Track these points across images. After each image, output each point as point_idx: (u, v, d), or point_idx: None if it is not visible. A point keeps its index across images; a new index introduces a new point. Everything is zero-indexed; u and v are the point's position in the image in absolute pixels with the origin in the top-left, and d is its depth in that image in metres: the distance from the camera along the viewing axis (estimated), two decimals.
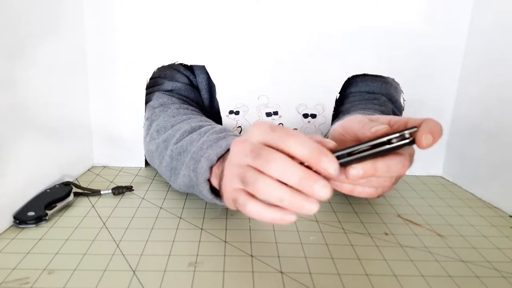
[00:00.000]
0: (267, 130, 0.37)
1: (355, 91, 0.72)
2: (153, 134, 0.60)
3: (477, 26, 0.64)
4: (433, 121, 0.36)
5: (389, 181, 0.39)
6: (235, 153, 0.39)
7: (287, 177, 0.34)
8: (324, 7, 0.63)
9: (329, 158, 0.34)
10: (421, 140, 0.35)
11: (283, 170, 0.34)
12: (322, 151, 0.34)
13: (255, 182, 0.35)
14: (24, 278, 0.38)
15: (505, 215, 0.57)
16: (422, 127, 0.35)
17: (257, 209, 0.36)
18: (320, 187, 0.33)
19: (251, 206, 0.36)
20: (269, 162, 0.35)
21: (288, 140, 0.35)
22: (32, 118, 0.52)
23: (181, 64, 0.69)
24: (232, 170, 0.39)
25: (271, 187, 0.35)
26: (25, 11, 0.49)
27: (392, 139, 0.35)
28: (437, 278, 0.41)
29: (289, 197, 0.34)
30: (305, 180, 0.34)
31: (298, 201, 0.34)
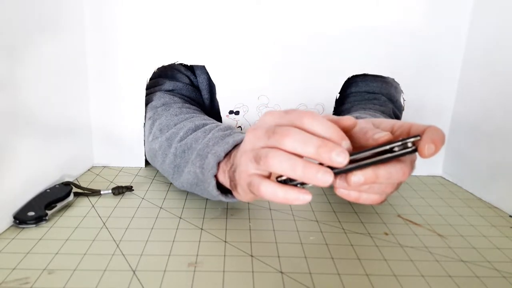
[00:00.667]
0: (281, 114, 0.37)
1: (355, 91, 0.72)
2: (156, 133, 0.60)
3: (477, 26, 0.64)
4: (436, 129, 0.36)
5: (391, 187, 0.39)
6: (249, 140, 0.39)
7: (303, 147, 0.34)
8: (324, 7, 0.63)
9: (346, 141, 0.34)
10: (424, 150, 0.35)
11: (299, 141, 0.34)
12: (341, 134, 0.34)
13: (267, 156, 0.35)
14: (24, 278, 0.38)
15: (505, 215, 0.57)
16: (425, 136, 0.35)
17: (271, 189, 0.36)
18: (337, 154, 0.33)
19: (264, 186, 0.36)
20: (283, 137, 0.34)
21: (305, 119, 0.35)
22: (32, 118, 0.52)
23: (182, 64, 0.69)
24: (247, 155, 0.39)
25: (283, 158, 0.34)
26: (25, 11, 0.49)
27: (394, 147, 0.35)
28: (437, 278, 0.41)
29: (302, 167, 0.34)
30: (322, 148, 0.33)
31: (312, 171, 0.34)
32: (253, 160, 0.37)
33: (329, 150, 0.33)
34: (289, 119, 0.36)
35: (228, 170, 0.44)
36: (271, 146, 0.36)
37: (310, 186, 0.36)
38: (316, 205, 0.57)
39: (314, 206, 0.56)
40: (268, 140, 0.36)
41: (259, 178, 0.37)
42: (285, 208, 0.55)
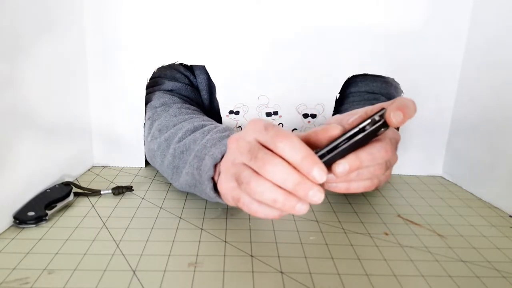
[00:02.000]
0: (261, 129, 0.37)
1: (355, 91, 0.72)
2: (155, 133, 0.60)
3: (477, 26, 0.64)
4: (403, 99, 0.36)
5: (380, 169, 0.39)
6: (231, 150, 0.40)
7: (282, 181, 0.35)
8: (324, 7, 0.63)
9: (318, 167, 0.34)
10: (390, 118, 0.35)
11: (279, 174, 0.35)
12: (312, 159, 0.34)
13: (249, 182, 0.36)
14: (24, 278, 0.38)
15: (505, 215, 0.57)
16: (390, 106, 0.35)
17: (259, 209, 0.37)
18: (314, 193, 0.34)
19: (251, 204, 0.38)
20: (265, 164, 0.35)
21: (279, 143, 0.35)
22: (32, 118, 0.52)
23: (181, 64, 0.69)
24: (228, 167, 0.40)
25: (265, 189, 0.35)
26: (24, 11, 0.49)
27: (365, 126, 0.35)
28: (437, 278, 0.41)
29: (283, 199, 0.35)
30: (300, 185, 0.34)
31: (291, 203, 0.35)
32: (234, 180, 0.38)
33: (306, 188, 0.34)
34: (266, 139, 0.36)
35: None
36: (251, 168, 0.37)
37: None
38: (316, 205, 0.57)
39: (314, 206, 0.56)
40: (250, 162, 0.37)
41: (249, 197, 0.38)
42: None
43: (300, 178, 0.34)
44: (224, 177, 0.41)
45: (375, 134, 0.36)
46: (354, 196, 0.60)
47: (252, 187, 0.36)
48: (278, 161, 0.35)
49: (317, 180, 0.34)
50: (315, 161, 0.34)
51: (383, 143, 0.37)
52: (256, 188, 0.36)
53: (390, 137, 0.39)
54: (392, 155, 0.39)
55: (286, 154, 0.35)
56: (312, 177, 0.34)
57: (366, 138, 0.36)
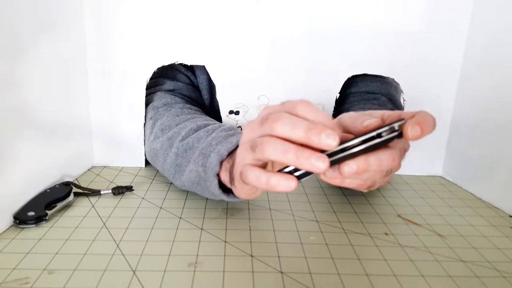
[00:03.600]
0: (277, 107, 0.37)
1: (355, 91, 0.72)
2: (157, 133, 0.60)
3: (477, 26, 0.64)
4: (425, 113, 0.36)
5: (379, 174, 0.39)
6: (246, 132, 0.39)
7: (293, 130, 0.34)
8: (324, 7, 0.63)
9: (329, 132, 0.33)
10: (407, 131, 0.35)
11: (288, 124, 0.34)
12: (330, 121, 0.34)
13: (262, 143, 0.35)
14: (24, 278, 0.38)
15: (505, 215, 0.57)
16: (410, 119, 0.35)
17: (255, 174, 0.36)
18: (327, 136, 0.33)
19: (250, 171, 0.36)
20: (274, 122, 0.35)
21: (300, 107, 0.35)
22: (32, 118, 0.52)
23: (182, 64, 0.69)
24: (243, 146, 0.39)
25: (276, 144, 0.34)
26: (24, 11, 0.49)
27: (382, 133, 0.35)
28: (437, 278, 0.41)
29: (295, 151, 0.34)
30: (312, 130, 0.33)
31: (305, 155, 0.33)
32: (249, 149, 0.37)
33: (319, 132, 0.33)
34: (283, 109, 0.36)
35: (230, 167, 0.44)
36: (264, 134, 0.36)
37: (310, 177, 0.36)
38: (316, 205, 0.57)
39: (314, 206, 0.56)
40: (261, 128, 0.36)
41: (249, 166, 0.37)
42: (285, 208, 0.55)
43: (311, 124, 0.34)
44: (241, 157, 0.39)
45: (389, 142, 0.36)
46: (354, 196, 0.60)
47: (264, 146, 0.35)
48: (286, 115, 0.35)
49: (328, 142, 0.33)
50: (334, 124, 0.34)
51: (393, 152, 0.37)
52: (267, 146, 0.35)
53: (400, 146, 0.38)
54: (398, 164, 0.38)
55: (306, 113, 0.35)
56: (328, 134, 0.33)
57: (380, 144, 0.36)
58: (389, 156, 0.36)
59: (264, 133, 0.36)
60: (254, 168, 0.36)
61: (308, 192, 0.61)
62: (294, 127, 0.34)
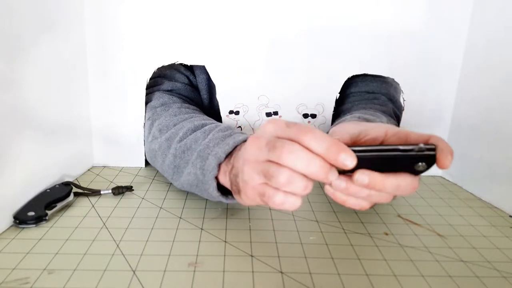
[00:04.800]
0: (282, 126, 0.37)
1: (355, 91, 0.72)
2: (155, 133, 0.60)
3: (477, 26, 0.64)
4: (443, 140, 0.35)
5: (388, 197, 0.37)
6: (251, 149, 0.38)
7: (306, 166, 0.34)
8: (324, 7, 0.63)
9: (347, 152, 0.33)
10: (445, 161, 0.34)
11: (301, 160, 0.34)
12: (339, 146, 0.34)
13: (278, 176, 0.35)
14: (24, 278, 0.38)
15: (505, 215, 0.57)
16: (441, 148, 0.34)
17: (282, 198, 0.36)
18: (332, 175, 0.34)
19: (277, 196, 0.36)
20: (284, 152, 0.34)
21: (304, 136, 0.35)
22: (32, 118, 0.52)
23: (181, 64, 0.69)
24: (251, 166, 0.38)
25: (295, 179, 0.35)
26: (25, 11, 0.49)
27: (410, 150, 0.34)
28: (437, 278, 0.41)
29: (309, 185, 0.35)
30: (323, 169, 0.34)
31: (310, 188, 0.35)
32: (261, 174, 0.37)
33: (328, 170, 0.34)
34: (289, 134, 0.36)
35: (229, 172, 0.44)
36: (274, 161, 0.36)
37: None
38: (316, 205, 0.57)
39: (314, 206, 0.56)
40: (269, 154, 0.36)
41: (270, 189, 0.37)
42: None
43: (322, 161, 0.34)
44: (249, 176, 0.39)
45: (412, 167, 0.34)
46: None
47: (281, 180, 0.35)
48: (296, 147, 0.34)
49: (346, 164, 0.33)
50: (341, 148, 0.33)
51: (416, 180, 0.36)
52: (284, 180, 0.35)
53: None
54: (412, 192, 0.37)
55: (313, 145, 0.34)
56: (342, 162, 0.33)
57: (402, 162, 0.34)
58: (409, 183, 0.35)
59: (273, 159, 0.36)
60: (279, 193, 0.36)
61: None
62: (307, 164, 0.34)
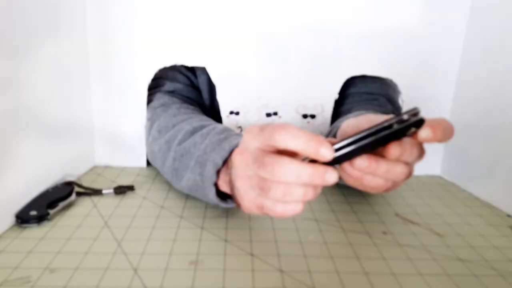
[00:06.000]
0: (256, 132, 0.37)
1: (355, 91, 0.73)
2: (155, 135, 0.60)
3: (475, 26, 0.64)
4: (444, 120, 0.35)
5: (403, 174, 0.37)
6: (239, 166, 0.39)
7: (297, 178, 0.35)
8: (323, 9, 0.63)
9: (324, 145, 0.33)
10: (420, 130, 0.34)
11: (290, 173, 0.35)
12: (316, 140, 0.34)
13: (274, 191, 0.36)
14: (26, 277, 0.38)
15: (502, 215, 0.57)
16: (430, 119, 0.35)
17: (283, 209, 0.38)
18: (329, 176, 0.34)
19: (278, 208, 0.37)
20: (274, 169, 0.35)
21: (277, 136, 0.35)
22: (34, 118, 0.52)
23: (183, 65, 0.70)
24: (244, 182, 0.39)
25: (291, 189, 0.36)
26: (27, 12, 0.50)
27: (393, 124, 0.34)
28: (435, 276, 0.41)
29: (308, 191, 0.36)
30: (315, 175, 0.34)
31: (315, 192, 0.36)
32: (257, 189, 0.38)
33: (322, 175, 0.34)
34: (265, 138, 0.36)
35: (228, 182, 0.45)
36: (266, 178, 0.36)
37: None
38: (316, 204, 0.57)
39: (313, 205, 0.57)
40: (260, 171, 0.36)
41: (271, 201, 0.38)
42: None
43: (312, 169, 0.34)
44: (244, 191, 0.40)
45: (403, 134, 0.34)
46: (353, 196, 0.60)
47: (276, 195, 0.36)
48: (285, 161, 0.35)
49: (326, 157, 0.33)
50: (319, 141, 0.34)
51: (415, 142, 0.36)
52: (279, 194, 0.36)
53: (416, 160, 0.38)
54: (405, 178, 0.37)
55: (288, 144, 0.35)
56: (321, 155, 0.33)
57: (391, 137, 0.34)
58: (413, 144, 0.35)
59: (262, 175, 0.36)
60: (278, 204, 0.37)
61: None
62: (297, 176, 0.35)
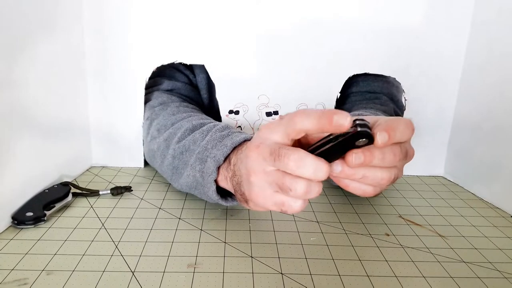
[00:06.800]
0: (275, 125, 0.37)
1: (356, 90, 0.72)
2: (154, 133, 0.60)
3: (479, 25, 0.64)
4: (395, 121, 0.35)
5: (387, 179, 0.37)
6: (255, 160, 0.38)
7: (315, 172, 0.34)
8: (325, 7, 0.63)
9: (337, 115, 0.33)
10: (376, 137, 0.33)
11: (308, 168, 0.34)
12: (328, 113, 0.33)
13: (296, 189, 0.35)
14: (23, 279, 0.38)
15: (506, 216, 0.56)
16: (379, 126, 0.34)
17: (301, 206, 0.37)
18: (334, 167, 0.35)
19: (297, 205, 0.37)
20: (292, 161, 0.34)
21: (296, 119, 0.35)
22: (30, 118, 0.52)
23: (181, 63, 0.69)
24: (261, 177, 0.38)
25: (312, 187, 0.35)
26: (23, 11, 0.49)
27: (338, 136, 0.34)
28: (438, 279, 0.41)
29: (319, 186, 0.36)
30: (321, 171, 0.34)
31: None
32: (274, 185, 0.37)
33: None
34: (284, 128, 0.36)
35: (230, 178, 0.44)
36: (283, 171, 0.36)
37: None
38: (317, 205, 0.56)
39: (314, 206, 0.56)
40: (276, 163, 0.36)
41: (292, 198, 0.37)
42: None
43: (325, 165, 0.34)
44: (260, 187, 0.39)
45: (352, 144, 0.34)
46: (355, 197, 0.60)
47: (298, 192, 0.35)
48: (302, 154, 0.34)
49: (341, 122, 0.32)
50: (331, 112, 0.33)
51: (394, 147, 0.35)
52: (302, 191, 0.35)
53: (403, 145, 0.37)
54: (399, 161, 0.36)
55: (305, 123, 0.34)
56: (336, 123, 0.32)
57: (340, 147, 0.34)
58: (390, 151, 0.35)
59: (282, 169, 0.36)
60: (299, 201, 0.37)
61: None
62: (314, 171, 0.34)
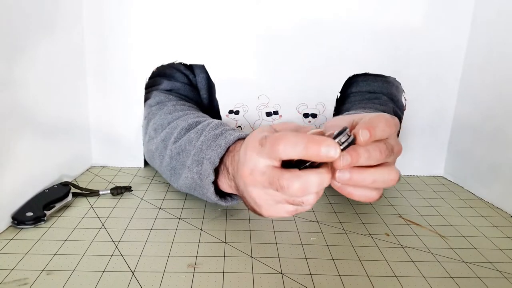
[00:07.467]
0: (258, 149, 0.36)
1: (356, 90, 0.72)
2: (151, 133, 0.60)
3: (479, 25, 0.64)
4: (378, 117, 0.35)
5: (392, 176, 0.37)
6: (255, 187, 0.38)
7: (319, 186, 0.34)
8: (325, 6, 0.63)
9: (324, 146, 0.32)
10: (358, 135, 0.33)
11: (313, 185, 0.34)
12: (314, 141, 0.33)
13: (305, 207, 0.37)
14: (23, 279, 0.38)
15: (506, 216, 0.56)
16: (360, 124, 0.34)
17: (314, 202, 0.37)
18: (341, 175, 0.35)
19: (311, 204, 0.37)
20: (296, 190, 0.34)
21: (277, 150, 0.34)
22: (30, 118, 0.52)
23: (181, 63, 0.69)
24: (266, 199, 0.38)
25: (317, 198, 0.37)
26: (23, 11, 0.49)
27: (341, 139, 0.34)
28: (438, 279, 0.41)
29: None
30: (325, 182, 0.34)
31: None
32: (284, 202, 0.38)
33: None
34: (268, 154, 0.35)
35: (236, 189, 0.44)
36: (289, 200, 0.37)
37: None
38: (317, 205, 0.56)
39: (315, 206, 0.56)
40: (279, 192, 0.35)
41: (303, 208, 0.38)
42: None
43: (328, 174, 0.34)
44: (269, 205, 0.39)
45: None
46: None
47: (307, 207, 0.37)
48: (302, 180, 0.34)
49: (331, 155, 0.32)
50: (318, 142, 0.32)
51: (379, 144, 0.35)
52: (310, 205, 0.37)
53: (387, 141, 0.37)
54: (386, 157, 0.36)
55: (291, 154, 0.34)
56: (324, 155, 0.32)
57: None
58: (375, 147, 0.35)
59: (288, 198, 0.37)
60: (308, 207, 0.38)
61: None
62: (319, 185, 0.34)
